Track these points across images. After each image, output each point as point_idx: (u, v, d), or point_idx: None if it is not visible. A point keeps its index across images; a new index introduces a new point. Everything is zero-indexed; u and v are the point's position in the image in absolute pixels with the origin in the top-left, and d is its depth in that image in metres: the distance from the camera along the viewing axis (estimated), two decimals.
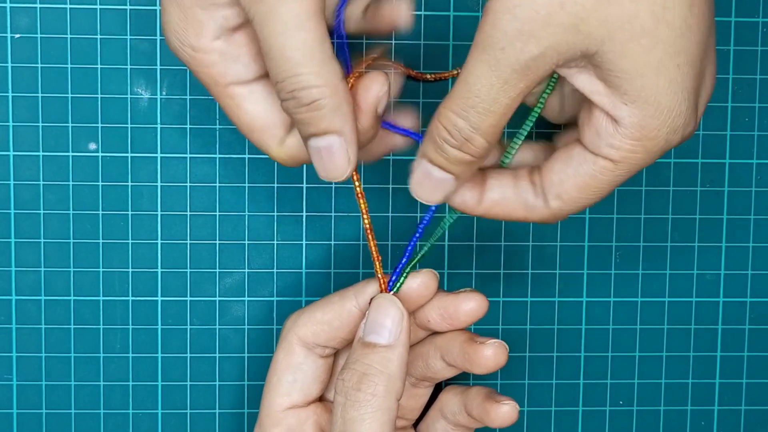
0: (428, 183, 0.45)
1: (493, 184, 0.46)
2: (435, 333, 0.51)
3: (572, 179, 0.44)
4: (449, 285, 0.56)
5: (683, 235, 0.56)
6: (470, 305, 0.50)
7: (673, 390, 0.57)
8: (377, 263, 0.49)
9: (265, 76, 0.46)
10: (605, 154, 0.43)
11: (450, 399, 0.52)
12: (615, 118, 0.42)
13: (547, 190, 0.45)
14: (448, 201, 0.46)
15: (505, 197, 0.46)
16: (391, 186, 0.55)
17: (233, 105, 0.46)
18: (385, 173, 0.55)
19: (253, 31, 0.44)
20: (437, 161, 0.44)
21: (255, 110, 0.46)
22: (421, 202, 0.46)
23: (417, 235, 0.49)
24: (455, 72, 0.50)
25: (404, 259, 0.49)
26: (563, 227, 0.56)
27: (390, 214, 0.55)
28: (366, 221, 0.49)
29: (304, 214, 0.55)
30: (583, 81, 0.43)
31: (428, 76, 0.51)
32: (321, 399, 0.52)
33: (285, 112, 0.44)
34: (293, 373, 0.50)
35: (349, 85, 0.45)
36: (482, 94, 0.42)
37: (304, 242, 0.55)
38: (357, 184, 0.48)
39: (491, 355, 0.49)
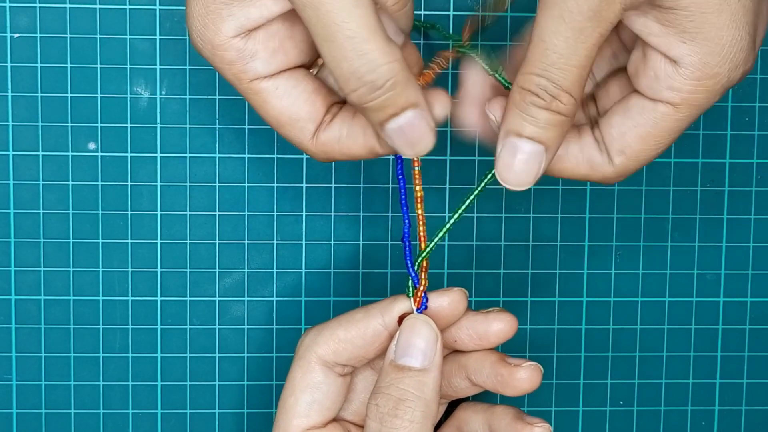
0: (518, 162, 0.43)
1: None
2: (457, 351, 0.50)
3: (633, 131, 0.44)
4: (449, 285, 0.56)
5: (683, 235, 0.56)
6: (500, 326, 0.49)
7: (673, 390, 0.57)
8: (422, 285, 0.48)
9: (287, 69, 0.45)
10: (666, 98, 0.43)
11: (470, 416, 0.51)
12: (674, 59, 0.42)
13: (609, 146, 0.44)
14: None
15: (569, 153, 0.45)
16: (390, 186, 0.55)
17: (259, 101, 0.45)
18: (385, 173, 0.55)
19: (273, 28, 0.43)
20: (526, 131, 0.43)
21: (280, 105, 0.45)
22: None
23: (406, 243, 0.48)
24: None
25: (408, 260, 0.48)
26: (563, 227, 0.56)
27: (390, 214, 0.55)
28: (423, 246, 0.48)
29: (304, 214, 0.55)
30: (643, 24, 0.42)
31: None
32: (336, 418, 0.50)
33: (354, 105, 0.43)
34: (312, 393, 0.48)
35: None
36: (560, 48, 0.41)
37: (304, 242, 0.55)
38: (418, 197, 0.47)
39: (526, 377, 0.48)
